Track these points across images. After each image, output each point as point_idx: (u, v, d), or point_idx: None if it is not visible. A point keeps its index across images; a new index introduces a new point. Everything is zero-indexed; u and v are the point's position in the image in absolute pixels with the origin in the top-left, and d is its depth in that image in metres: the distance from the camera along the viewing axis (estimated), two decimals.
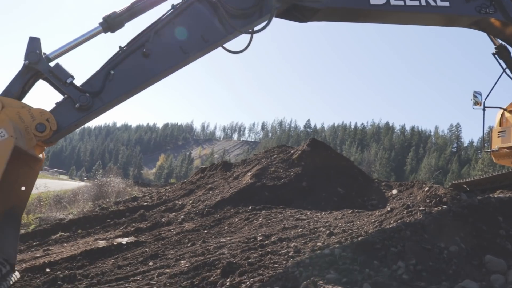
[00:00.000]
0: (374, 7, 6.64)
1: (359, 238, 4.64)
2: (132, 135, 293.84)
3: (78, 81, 5.82)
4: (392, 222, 5.63)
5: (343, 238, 4.82)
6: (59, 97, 5.91)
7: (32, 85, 5.95)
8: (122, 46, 5.93)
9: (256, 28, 6.18)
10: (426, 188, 8.06)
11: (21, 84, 5.74)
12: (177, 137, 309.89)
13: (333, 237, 4.91)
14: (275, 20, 6.16)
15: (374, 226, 5.55)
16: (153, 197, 15.58)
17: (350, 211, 7.03)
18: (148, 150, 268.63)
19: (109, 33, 6.00)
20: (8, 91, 5.67)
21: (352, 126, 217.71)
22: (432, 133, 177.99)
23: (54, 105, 5.81)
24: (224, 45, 6.33)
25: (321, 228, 5.65)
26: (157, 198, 14.96)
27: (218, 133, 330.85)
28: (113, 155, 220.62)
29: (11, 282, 5.47)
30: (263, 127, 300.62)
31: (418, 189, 9.35)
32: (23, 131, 5.35)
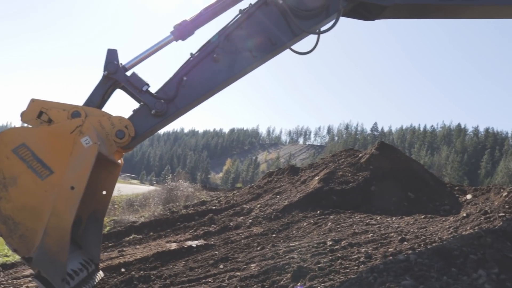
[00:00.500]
0: (447, 1, 6.38)
1: (433, 244, 4.48)
2: (199, 140, 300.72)
3: (153, 89, 6.06)
4: (468, 228, 5.39)
5: (416, 244, 4.65)
6: (135, 104, 6.19)
7: (110, 94, 6.28)
8: (193, 52, 6.11)
9: (323, 28, 6.15)
10: (505, 193, 7.64)
11: (101, 93, 6.07)
12: (243, 142, 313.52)
13: (405, 243, 4.77)
14: (340, 19, 6.09)
15: (449, 232, 5.33)
16: (221, 201, 15.84)
17: (422, 216, 6.79)
18: (215, 155, 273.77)
19: (180, 41, 6.21)
20: (90, 101, 6.03)
21: (421, 129, 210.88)
22: (509, 135, 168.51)
23: (131, 113, 6.09)
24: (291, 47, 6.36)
25: (392, 234, 5.51)
26: (225, 202, 15.20)
27: (284, 138, 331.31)
28: (181, 160, 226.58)
29: (96, 281, 5.80)
30: (329, 130, 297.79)
31: (496, 194, 8.89)
32: (104, 138, 5.65)
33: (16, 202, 5.38)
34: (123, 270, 6.93)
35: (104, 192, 6.55)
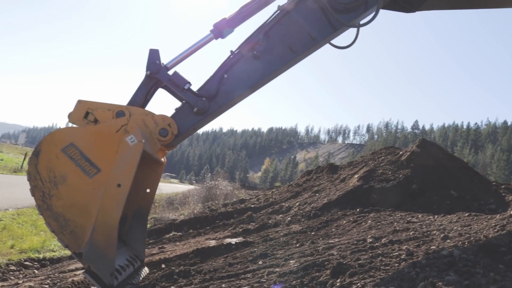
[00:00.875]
0: None
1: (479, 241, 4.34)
2: (238, 139, 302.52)
3: (194, 87, 6.15)
4: None
5: (460, 242, 4.51)
6: (176, 103, 6.30)
7: (153, 94, 6.42)
8: (233, 50, 6.16)
9: (362, 22, 6.07)
10: None
11: (144, 93, 6.22)
12: (281, 141, 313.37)
13: (448, 240, 4.64)
14: (380, 12, 5.99)
15: (495, 230, 5.15)
16: (260, 199, 15.87)
17: (466, 214, 6.60)
18: (253, 154, 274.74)
19: (219, 39, 6.27)
20: (133, 100, 6.19)
21: (465, 126, 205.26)
22: None
23: (174, 111, 6.21)
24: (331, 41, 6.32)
25: (434, 231, 5.37)
26: (264, 200, 15.22)
27: (323, 136, 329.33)
28: (220, 159, 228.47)
29: (141, 277, 5.96)
30: (369, 129, 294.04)
31: None
32: (148, 137, 5.79)
33: (66, 199, 5.59)
34: (163, 266, 7.05)
35: (148, 190, 6.72)
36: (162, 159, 6.61)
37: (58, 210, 5.57)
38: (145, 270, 6.45)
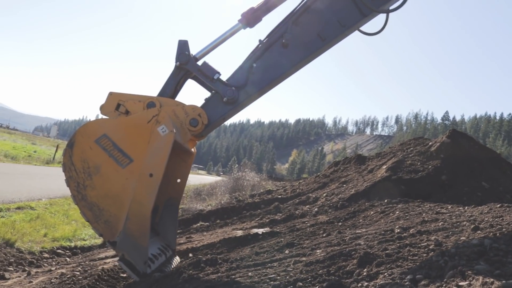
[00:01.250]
0: None
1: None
2: (265, 131, 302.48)
3: (223, 77, 6.19)
4: None
5: (491, 234, 4.41)
6: (206, 94, 6.36)
7: (182, 85, 6.49)
8: (262, 39, 6.16)
9: (392, 7, 5.98)
10: None
11: (174, 84, 6.29)
12: (309, 133, 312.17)
13: (478, 231, 4.53)
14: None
15: None
16: (287, 190, 15.87)
17: (498, 205, 6.44)
18: (280, 145, 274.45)
19: (248, 28, 6.27)
20: (163, 91, 6.27)
21: (497, 117, 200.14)
22: None
23: (203, 101, 6.26)
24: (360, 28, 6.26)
25: (464, 222, 5.26)
26: (291, 191, 15.22)
27: (350, 128, 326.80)
28: (247, 151, 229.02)
29: (173, 266, 6.07)
30: (397, 120, 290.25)
31: None
32: (179, 127, 5.86)
33: (100, 189, 5.72)
34: (190, 255, 7.14)
35: (178, 180, 6.81)
36: (192, 150, 6.68)
37: (92, 200, 5.71)
38: (177, 259, 6.55)
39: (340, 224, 7.79)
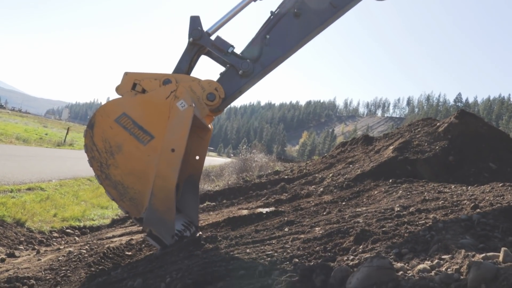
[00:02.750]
0: None
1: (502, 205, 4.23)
2: (275, 113, 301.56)
3: (237, 50, 6.23)
4: None
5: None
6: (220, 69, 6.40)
7: (196, 61, 6.53)
8: (273, 10, 6.16)
9: None
10: None
11: (188, 60, 6.33)
12: (319, 114, 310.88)
13: (478, 210, 4.54)
14: None
15: None
16: (293, 171, 15.90)
17: (500, 185, 6.43)
18: (291, 127, 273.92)
19: (258, 0, 6.28)
20: (178, 68, 6.32)
21: None
22: None
23: (219, 76, 6.30)
24: None
25: (465, 201, 5.27)
26: (298, 171, 15.25)
27: (361, 110, 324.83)
28: (257, 133, 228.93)
29: None
30: (409, 102, 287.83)
31: None
32: (196, 102, 5.92)
33: (123, 168, 5.82)
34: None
35: (197, 157, 6.87)
36: (209, 126, 6.74)
37: (116, 179, 5.81)
38: (200, 235, 6.67)
39: (343, 203, 7.83)
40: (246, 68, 6.06)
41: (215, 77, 6.35)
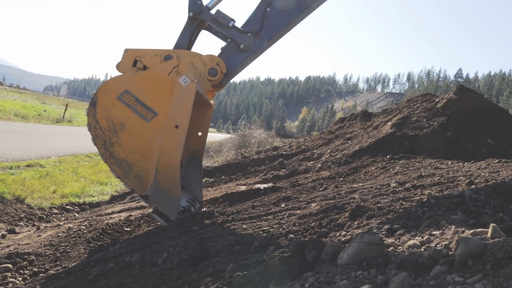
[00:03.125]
0: None
1: (493, 181, 4.26)
2: (275, 88, 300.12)
3: (237, 25, 6.18)
4: None
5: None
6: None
7: (196, 36, 6.49)
8: None
9: None
10: None
11: (189, 36, 6.29)
12: (319, 90, 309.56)
13: (473, 186, 4.57)
14: None
15: None
16: (292, 147, 15.93)
17: (496, 161, 6.45)
18: (290, 103, 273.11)
19: None
20: (179, 44, 6.27)
21: None
22: None
23: (220, 51, 6.26)
24: None
25: (460, 177, 5.30)
26: (296, 147, 15.28)
27: (361, 85, 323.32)
28: (257, 109, 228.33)
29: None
30: (409, 77, 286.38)
31: None
32: (198, 78, 5.89)
33: (127, 145, 5.84)
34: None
35: (199, 134, 6.88)
36: (211, 102, 6.73)
37: (120, 157, 5.83)
38: (204, 211, 6.73)
39: (341, 179, 7.87)
40: (247, 42, 6.03)
41: (215, 52, 6.32)
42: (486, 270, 1.92)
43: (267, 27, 6.12)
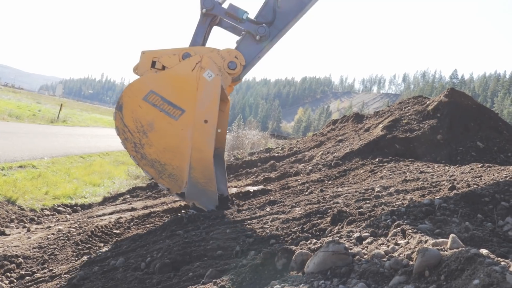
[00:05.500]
0: None
1: (464, 190, 4.34)
2: (271, 89, 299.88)
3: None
4: None
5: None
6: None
7: (209, 32, 6.55)
8: None
9: None
10: None
11: (203, 32, 6.38)
12: (315, 91, 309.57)
13: (455, 191, 4.65)
14: None
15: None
16: (284, 149, 15.99)
17: (480, 165, 6.54)
18: (286, 103, 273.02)
19: None
20: (194, 41, 6.36)
21: (507, 76, 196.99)
22: None
23: (235, 44, 6.33)
24: None
25: (444, 182, 5.38)
26: (288, 149, 15.34)
27: (357, 86, 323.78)
28: (253, 109, 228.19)
29: None
30: (405, 78, 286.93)
31: None
32: (219, 72, 5.97)
33: (157, 145, 5.90)
34: (183, 211, 7.34)
35: (219, 130, 6.94)
36: (228, 97, 6.81)
37: (152, 157, 5.90)
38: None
39: (330, 182, 7.93)
40: (263, 32, 6.12)
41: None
42: (440, 281, 1.99)
43: (280, 16, 6.22)
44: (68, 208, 10.48)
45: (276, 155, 14.14)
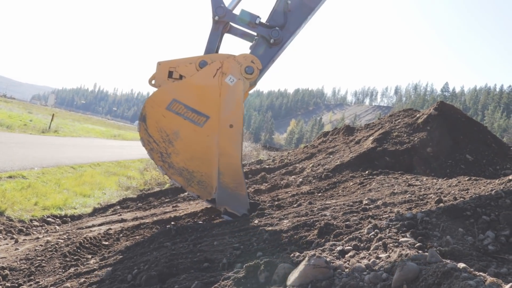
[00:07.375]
0: None
1: (446, 204, 4.39)
2: (264, 100, 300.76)
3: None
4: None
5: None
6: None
7: (221, 40, 6.59)
8: None
9: None
10: None
11: (217, 39, 6.44)
12: (307, 102, 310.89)
13: (441, 204, 4.69)
14: None
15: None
16: (275, 161, 16.02)
17: (467, 179, 6.61)
18: (279, 115, 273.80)
19: None
20: (209, 48, 6.40)
21: (497, 89, 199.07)
22: None
23: (249, 50, 6.38)
24: None
25: (431, 195, 5.43)
26: (279, 161, 15.36)
27: (350, 98, 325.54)
28: (246, 121, 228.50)
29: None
30: (397, 91, 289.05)
31: None
32: (240, 76, 6.00)
33: (184, 153, 5.90)
34: (172, 223, 7.34)
35: None
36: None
37: (180, 166, 5.90)
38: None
39: (320, 194, 7.97)
40: (276, 36, 6.18)
41: None
42: None
43: (291, 19, 6.28)
44: (58, 219, 10.42)
45: (267, 167, 14.16)
